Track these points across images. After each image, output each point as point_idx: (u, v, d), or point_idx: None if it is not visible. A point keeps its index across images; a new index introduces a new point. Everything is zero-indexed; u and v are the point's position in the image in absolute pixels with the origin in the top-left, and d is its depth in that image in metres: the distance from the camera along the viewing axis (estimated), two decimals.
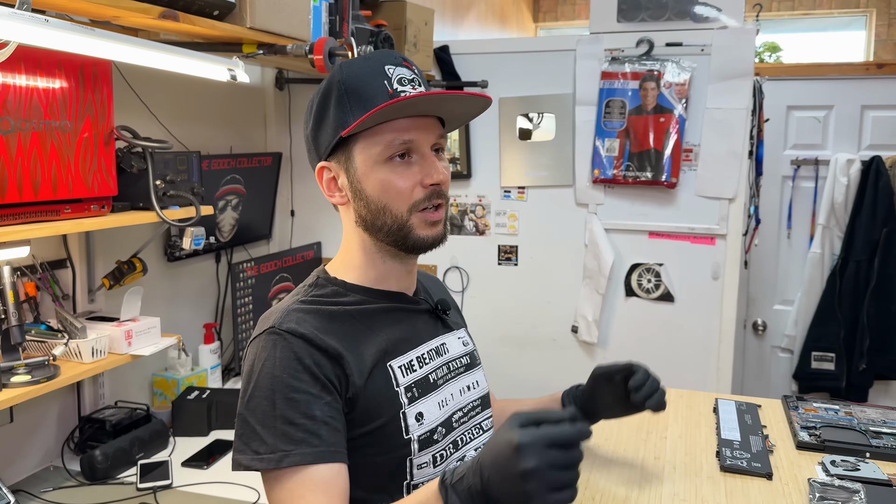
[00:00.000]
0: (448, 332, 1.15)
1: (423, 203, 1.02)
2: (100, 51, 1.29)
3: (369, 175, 1.02)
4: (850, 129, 3.12)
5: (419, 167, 1.02)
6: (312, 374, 0.95)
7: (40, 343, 1.69)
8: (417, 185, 1.02)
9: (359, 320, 1.03)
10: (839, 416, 1.46)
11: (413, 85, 1.02)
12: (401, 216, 1.02)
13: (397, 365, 1.03)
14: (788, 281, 3.28)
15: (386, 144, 1.00)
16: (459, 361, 1.14)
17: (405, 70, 1.02)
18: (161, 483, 1.75)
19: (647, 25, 2.37)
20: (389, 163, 1.01)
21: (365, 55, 1.05)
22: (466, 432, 1.11)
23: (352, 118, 0.99)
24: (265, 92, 2.72)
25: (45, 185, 1.46)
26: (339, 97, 1.01)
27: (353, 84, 1.01)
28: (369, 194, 1.02)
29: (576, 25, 5.77)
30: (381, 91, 1.00)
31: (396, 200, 1.01)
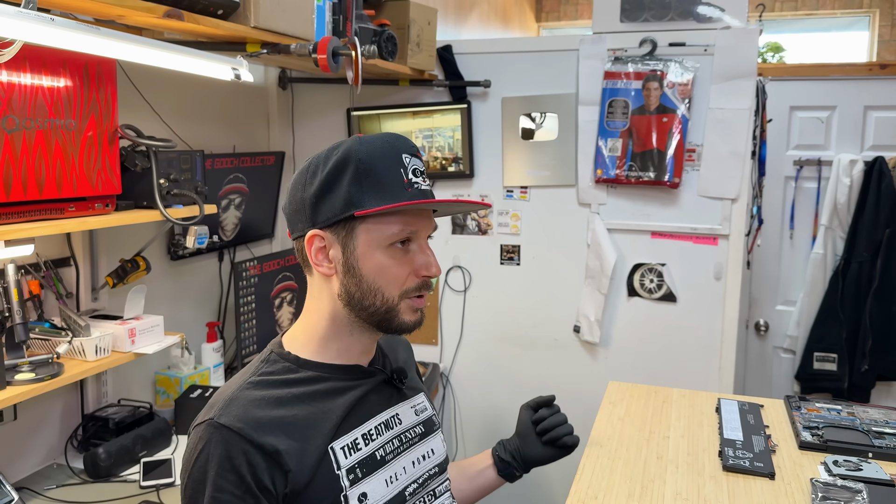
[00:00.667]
0: (402, 400, 1.15)
1: (413, 291, 1.06)
2: (104, 50, 1.29)
3: (369, 256, 1.03)
4: (853, 130, 3.12)
5: (416, 257, 1.06)
6: (239, 476, 0.94)
7: (44, 341, 1.69)
8: (411, 274, 1.05)
9: (306, 403, 1.02)
10: (842, 417, 1.46)
11: (423, 177, 1.06)
12: (391, 300, 1.04)
13: (339, 446, 1.02)
14: (791, 281, 3.28)
15: (393, 233, 1.03)
16: (413, 431, 1.14)
17: (418, 161, 1.06)
18: (164, 481, 1.75)
19: (650, 25, 2.37)
20: (390, 248, 1.04)
21: (384, 136, 1.06)
22: (417, 502, 1.12)
23: (367, 200, 1.01)
24: (268, 91, 2.72)
25: (50, 183, 1.47)
26: (357, 175, 1.02)
27: (371, 166, 1.02)
28: (364, 273, 1.03)
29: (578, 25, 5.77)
30: (397, 180, 1.03)
31: (390, 285, 1.04)
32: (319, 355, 1.08)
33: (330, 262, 1.05)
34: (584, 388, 2.36)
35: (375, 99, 2.65)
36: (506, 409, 2.54)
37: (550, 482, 2.64)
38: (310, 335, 1.08)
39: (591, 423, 1.50)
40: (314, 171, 1.05)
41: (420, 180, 1.05)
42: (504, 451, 1.34)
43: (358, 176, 1.02)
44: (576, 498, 1.19)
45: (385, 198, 1.01)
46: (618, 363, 2.49)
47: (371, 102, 2.66)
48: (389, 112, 2.63)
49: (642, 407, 1.57)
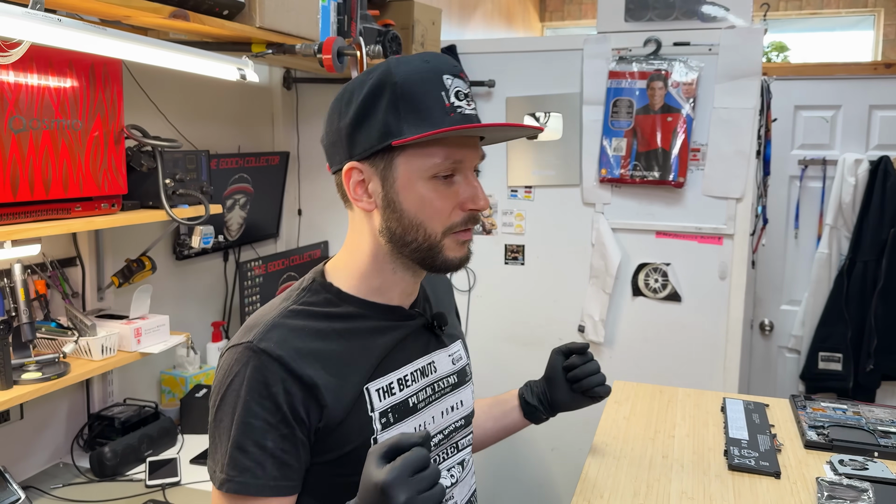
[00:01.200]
0: (440, 348, 1.11)
1: (459, 226, 0.98)
2: (110, 50, 1.30)
3: (409, 189, 0.96)
4: (858, 129, 3.11)
5: (460, 189, 0.97)
6: (276, 404, 0.91)
7: (50, 340, 1.70)
8: (457, 208, 0.97)
9: (346, 339, 0.99)
10: (847, 416, 1.46)
11: (468, 100, 0.97)
12: (434, 236, 0.97)
13: (374, 388, 0.99)
14: (796, 281, 3.27)
15: (435, 163, 0.95)
16: (446, 381, 1.10)
17: (461, 83, 0.96)
18: (169, 480, 1.76)
19: (654, 25, 2.36)
20: (433, 181, 0.96)
21: (422, 56, 0.97)
22: (440, 453, 1.09)
23: (406, 128, 0.93)
24: (273, 91, 2.73)
25: (57, 183, 1.48)
26: (393, 100, 0.94)
27: (409, 89, 0.93)
28: (405, 208, 0.96)
29: (582, 25, 5.77)
30: (438, 104, 0.94)
31: (433, 220, 0.97)
32: (361, 291, 1.02)
33: (370, 197, 0.98)
34: None
35: None
36: None
37: (555, 482, 2.64)
38: (351, 270, 1.02)
39: (596, 422, 1.50)
40: (349, 99, 0.97)
41: (464, 103, 0.96)
42: (531, 394, 1.29)
43: (395, 101, 0.93)
44: (581, 497, 1.19)
45: (424, 124, 0.92)
46: (622, 363, 2.49)
47: None
48: None
49: (647, 406, 1.57)
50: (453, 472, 1.11)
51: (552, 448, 2.62)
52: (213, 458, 0.95)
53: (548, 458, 2.63)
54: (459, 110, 0.95)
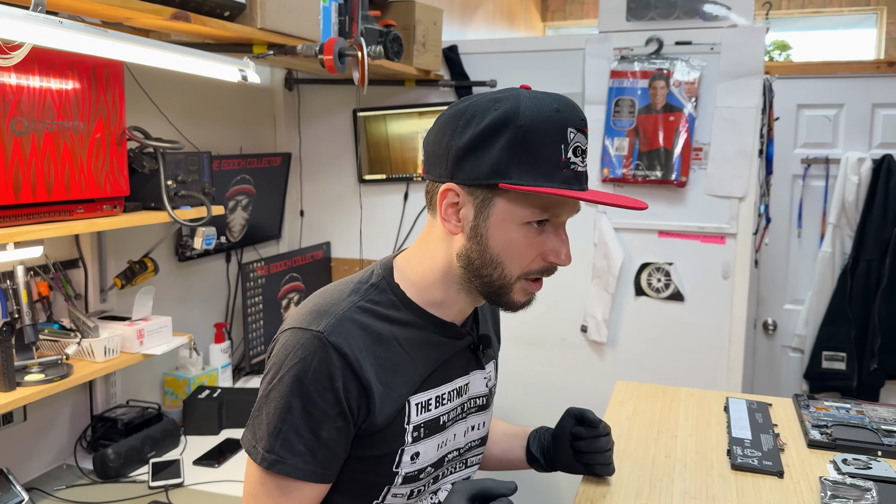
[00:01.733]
0: (478, 369, 1.12)
1: (534, 273, 0.99)
2: (112, 52, 1.30)
3: (501, 228, 0.96)
4: (861, 128, 3.11)
5: (548, 239, 0.98)
6: (337, 397, 0.94)
7: (53, 342, 1.70)
8: (539, 256, 0.98)
9: (402, 347, 1.01)
10: (850, 415, 1.45)
11: (583, 157, 0.96)
12: (510, 277, 0.98)
13: (415, 402, 1.02)
14: (799, 280, 3.27)
15: (533, 212, 0.95)
16: (474, 402, 1.13)
17: (582, 138, 0.95)
18: (173, 481, 1.76)
19: (656, 24, 2.36)
20: (526, 226, 0.96)
21: (554, 102, 0.95)
22: (450, 467, 1.12)
23: (516, 172, 0.92)
24: (274, 92, 2.73)
25: (59, 185, 1.48)
26: (513, 142, 0.92)
27: (532, 136, 0.92)
28: (491, 245, 0.97)
29: (584, 25, 5.76)
30: (554, 157, 0.93)
31: (514, 263, 0.98)
32: (422, 300, 1.03)
33: (458, 221, 0.98)
34: (591, 388, 2.36)
35: (381, 99, 2.66)
36: (514, 408, 2.54)
37: (558, 481, 2.63)
38: (419, 276, 1.04)
39: None
40: (468, 121, 0.95)
41: (578, 161, 0.95)
42: (536, 444, 1.28)
43: (513, 143, 0.92)
44: (584, 497, 1.19)
45: (535, 174, 0.92)
46: (625, 363, 2.49)
47: (377, 103, 2.66)
48: (396, 112, 2.64)
49: (650, 406, 1.57)
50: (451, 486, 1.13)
51: None
52: (254, 433, 0.97)
53: None
54: (573, 167, 0.94)
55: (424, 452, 1.04)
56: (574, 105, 0.97)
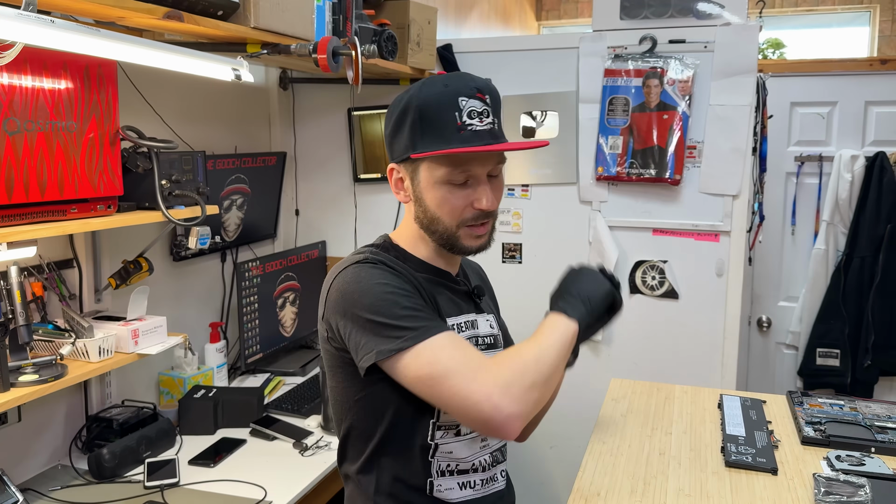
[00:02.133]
0: (479, 312, 1.29)
1: (470, 221, 1.17)
2: (105, 51, 1.30)
3: (429, 190, 1.17)
4: (854, 125, 3.11)
5: (473, 191, 1.16)
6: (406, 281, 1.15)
7: (48, 342, 1.70)
8: (469, 206, 1.16)
9: (417, 283, 1.19)
10: (844, 412, 1.46)
11: (482, 117, 1.13)
12: (451, 228, 1.18)
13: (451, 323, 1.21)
14: (793, 277, 3.27)
15: (447, 172, 1.14)
16: (484, 340, 1.28)
17: (477, 102, 1.14)
18: (168, 481, 1.76)
19: (649, 23, 2.37)
20: (447, 185, 1.15)
21: (445, 79, 1.16)
22: None
23: (421, 144, 1.14)
24: (269, 92, 2.73)
25: (52, 185, 1.47)
26: (413, 120, 1.14)
27: (426, 111, 1.13)
28: (427, 204, 1.18)
29: (579, 23, 5.76)
30: (450, 124, 1.12)
31: (448, 216, 1.17)
32: (419, 254, 1.24)
33: (405, 192, 1.21)
34: (586, 386, 2.36)
35: (376, 98, 2.66)
36: None
37: (553, 479, 2.64)
38: (408, 238, 1.25)
39: (594, 419, 1.50)
40: (390, 113, 1.19)
41: (476, 121, 1.13)
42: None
43: (414, 121, 1.14)
44: (579, 494, 1.19)
45: (438, 142, 1.12)
46: (620, 360, 2.49)
47: (372, 102, 2.66)
48: None
49: (645, 403, 1.57)
50: None
51: (551, 446, 2.62)
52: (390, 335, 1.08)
53: (546, 456, 2.63)
54: (470, 128, 1.12)
55: None
56: (467, 77, 1.16)
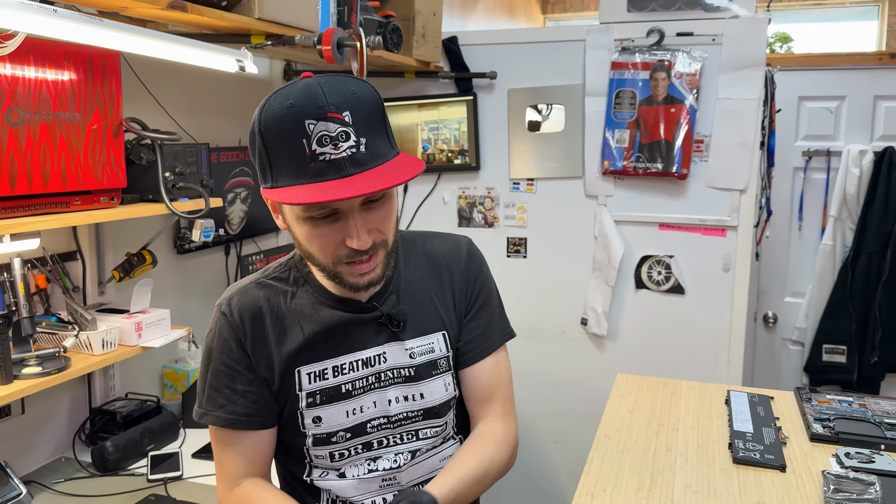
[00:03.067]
0: (394, 341, 1.12)
1: (346, 258, 1.01)
2: (108, 41, 1.29)
3: (294, 225, 1.01)
4: (863, 120, 3.09)
5: (343, 226, 0.98)
6: (241, 355, 1.09)
7: (51, 335, 1.69)
8: (340, 243, 0.99)
9: (294, 319, 1.10)
10: (853, 408, 1.44)
11: (336, 142, 0.92)
12: (328, 265, 1.03)
13: (305, 372, 1.10)
14: (800, 273, 3.26)
15: (303, 209, 0.97)
16: (398, 372, 1.13)
17: (329, 125, 0.92)
18: (171, 474, 1.75)
19: (657, 15, 2.34)
20: (311, 221, 0.98)
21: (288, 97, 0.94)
22: (391, 437, 1.14)
23: (270, 177, 0.96)
24: (274, 84, 2.71)
25: (55, 177, 1.47)
26: (260, 149, 0.96)
27: (269, 139, 0.94)
28: (298, 239, 1.03)
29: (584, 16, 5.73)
30: (298, 154, 0.92)
31: (320, 254, 1.01)
32: (324, 280, 1.11)
33: (280, 219, 1.06)
34: (591, 381, 2.35)
35: (381, 91, 2.60)
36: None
37: (559, 475, 2.63)
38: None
39: (600, 415, 1.49)
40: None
41: (328, 148, 0.92)
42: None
43: (261, 150, 0.96)
44: (584, 490, 1.18)
45: (288, 175, 0.93)
46: (626, 356, 2.48)
47: None
48: (395, 104, 2.62)
49: (651, 399, 1.56)
50: (397, 459, 1.15)
51: (555, 441, 2.61)
52: (198, 403, 1.12)
53: (551, 452, 2.63)
54: (322, 158, 0.92)
55: (329, 417, 1.10)
56: (312, 93, 0.93)
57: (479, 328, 1.20)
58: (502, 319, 1.25)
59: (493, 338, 1.21)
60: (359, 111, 0.95)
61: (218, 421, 1.09)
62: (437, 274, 1.19)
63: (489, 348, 1.20)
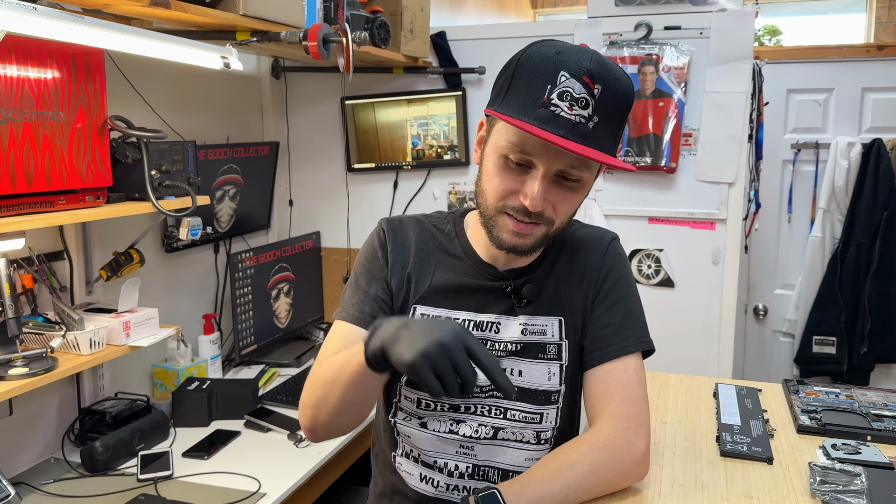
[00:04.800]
0: (512, 315, 1.13)
1: (510, 208, 1.02)
2: (91, 39, 1.28)
3: (491, 157, 1.03)
4: (851, 112, 3.10)
5: (527, 181, 0.99)
6: (383, 264, 1.16)
7: (38, 335, 1.68)
8: (516, 194, 1.00)
9: (430, 262, 1.16)
10: (840, 400, 1.45)
11: (574, 104, 0.94)
12: (491, 207, 1.04)
13: (420, 311, 1.14)
14: (789, 265, 3.27)
15: (509, 145, 0.99)
16: (504, 345, 1.13)
17: (577, 85, 0.94)
18: (162, 474, 1.75)
19: (645, 9, 2.34)
20: (505, 159, 1.00)
21: (565, 47, 0.97)
22: (480, 405, 1.13)
23: (500, 101, 0.99)
24: (261, 81, 2.70)
25: (39, 176, 1.45)
26: (510, 75, 0.99)
27: (523, 71, 0.98)
28: (483, 171, 1.05)
29: (574, 11, 5.73)
30: (537, 95, 0.95)
31: (491, 193, 1.03)
32: (473, 239, 1.16)
33: (479, 151, 1.07)
34: None
35: (369, 87, 2.63)
36: None
37: None
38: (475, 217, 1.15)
39: None
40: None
41: (564, 105, 0.94)
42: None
43: (510, 76, 0.99)
44: None
45: (515, 109, 0.96)
46: None
47: (365, 91, 2.64)
48: (384, 100, 2.61)
49: None
50: (479, 430, 1.14)
51: None
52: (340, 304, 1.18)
53: None
54: (553, 110, 0.94)
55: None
56: (582, 55, 0.95)
57: (612, 327, 1.15)
58: (641, 326, 1.19)
59: (627, 341, 1.14)
60: (610, 94, 0.96)
61: (346, 316, 1.13)
62: (572, 259, 1.18)
63: (620, 350, 1.13)
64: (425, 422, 1.16)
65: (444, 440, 1.15)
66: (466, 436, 1.14)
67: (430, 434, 1.15)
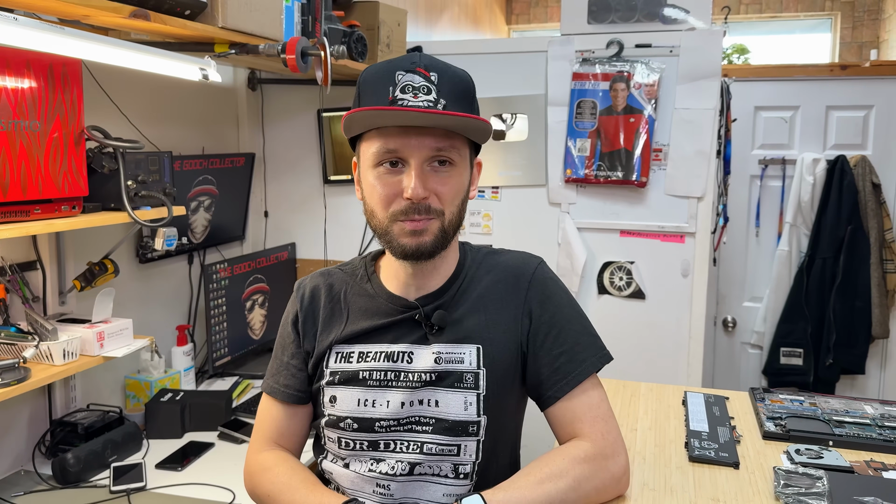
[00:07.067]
0: (424, 344, 1.12)
1: (400, 214, 1.05)
2: (69, 50, 1.28)
3: (365, 177, 1.09)
4: (816, 129, 3.19)
5: (403, 178, 1.04)
6: (295, 329, 1.21)
7: (10, 346, 1.67)
8: (399, 196, 1.05)
9: (346, 304, 1.19)
10: (804, 407, 1.49)
11: (417, 92, 1.02)
12: (383, 220, 1.07)
13: (336, 351, 1.17)
14: (757, 278, 3.34)
15: (374, 151, 1.05)
16: (418, 375, 1.11)
17: (414, 77, 1.03)
18: (134, 485, 1.73)
19: (617, 27, 2.40)
20: (377, 169, 1.06)
21: (391, 59, 1.08)
22: (397, 441, 1.12)
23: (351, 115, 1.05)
24: (237, 92, 2.71)
25: (15, 185, 1.45)
26: (355, 96, 1.09)
27: (364, 86, 1.07)
28: (365, 194, 1.10)
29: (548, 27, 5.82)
30: (382, 96, 1.03)
31: (378, 206, 1.07)
32: (384, 276, 1.20)
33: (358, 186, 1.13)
34: None
35: (347, 100, 2.63)
36: None
37: None
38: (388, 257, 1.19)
39: None
40: None
41: (408, 96, 1.02)
42: None
43: (358, 95, 1.09)
44: None
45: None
46: None
47: (342, 104, 2.66)
48: None
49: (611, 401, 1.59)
50: (395, 466, 1.12)
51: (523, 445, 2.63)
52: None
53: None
54: (401, 103, 1.02)
55: (342, 399, 1.14)
56: (411, 56, 1.06)
57: (566, 355, 1.14)
58: (593, 342, 1.18)
59: (583, 364, 1.14)
60: (447, 79, 1.06)
61: (266, 388, 1.23)
62: (492, 286, 1.17)
63: (579, 376, 1.13)
64: (347, 462, 1.16)
65: (364, 479, 1.14)
66: (383, 473, 1.12)
67: (351, 473, 1.15)
